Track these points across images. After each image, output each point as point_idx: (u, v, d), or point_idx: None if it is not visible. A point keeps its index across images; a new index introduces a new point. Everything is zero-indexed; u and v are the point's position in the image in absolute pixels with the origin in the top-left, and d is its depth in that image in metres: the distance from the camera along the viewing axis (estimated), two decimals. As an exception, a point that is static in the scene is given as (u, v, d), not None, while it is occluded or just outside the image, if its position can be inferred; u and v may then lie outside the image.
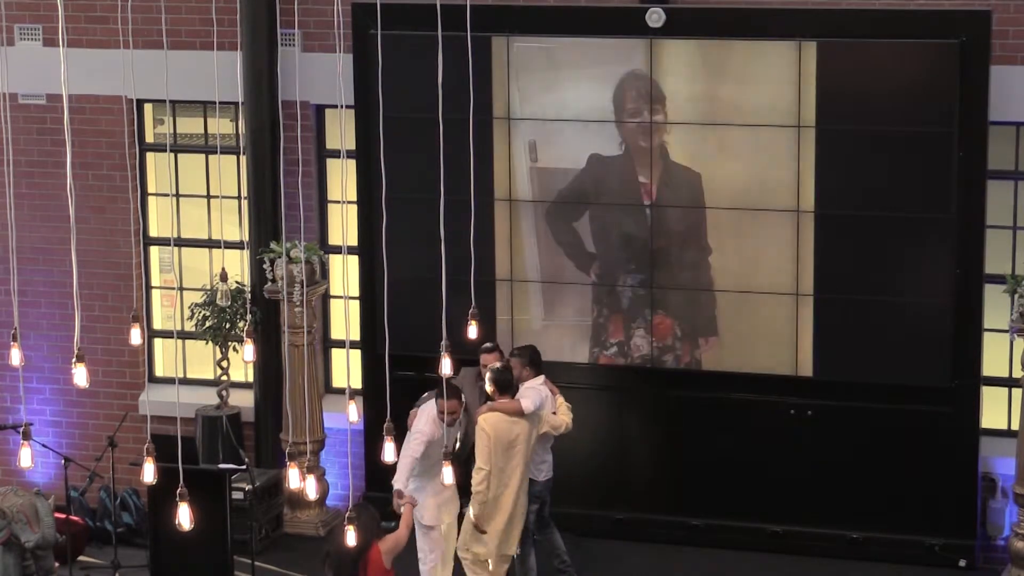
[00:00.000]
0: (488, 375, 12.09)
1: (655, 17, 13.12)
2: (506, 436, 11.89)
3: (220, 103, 13.64)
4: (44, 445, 13.79)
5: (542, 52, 13.41)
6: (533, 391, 12.22)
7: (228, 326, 13.99)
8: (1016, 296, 12.42)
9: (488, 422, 11.88)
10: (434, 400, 11.93)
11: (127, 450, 13.72)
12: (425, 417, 11.90)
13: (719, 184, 13.19)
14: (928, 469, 13.10)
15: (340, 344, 14.59)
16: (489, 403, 12.06)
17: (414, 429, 11.99)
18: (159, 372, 15.12)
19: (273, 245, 13.87)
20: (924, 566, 13.15)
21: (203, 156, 14.68)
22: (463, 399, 12.14)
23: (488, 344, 12.63)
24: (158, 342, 15.10)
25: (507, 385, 12.06)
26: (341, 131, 12.66)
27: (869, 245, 12.96)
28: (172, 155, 14.71)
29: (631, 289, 13.45)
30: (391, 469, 10.49)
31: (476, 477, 11.84)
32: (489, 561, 12.08)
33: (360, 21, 13.53)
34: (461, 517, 12.23)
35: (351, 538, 9.19)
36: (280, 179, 13.39)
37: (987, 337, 13.02)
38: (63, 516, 13.01)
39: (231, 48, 13.91)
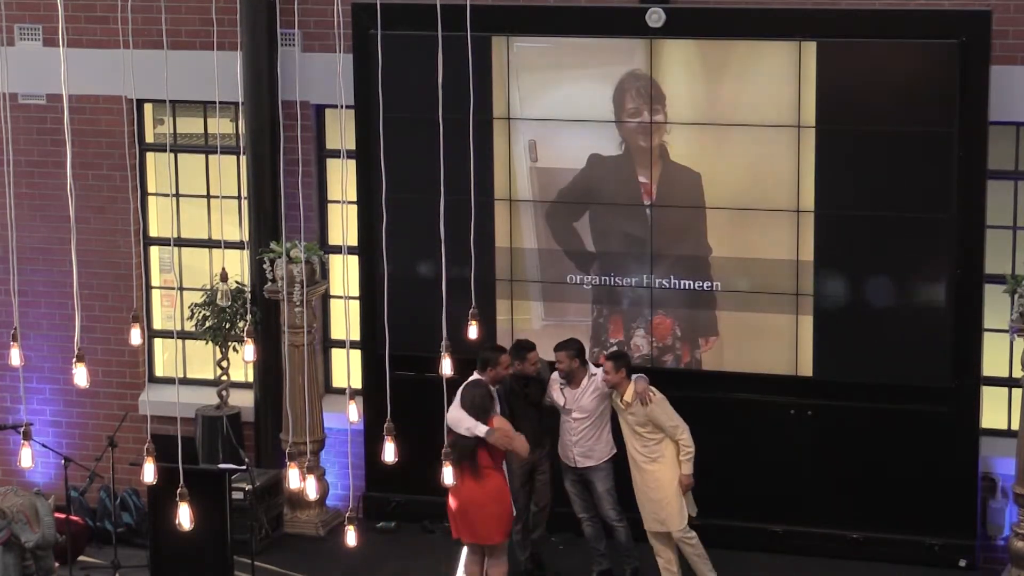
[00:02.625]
0: (617, 358, 12.37)
1: (655, 17, 13.12)
2: None
3: (220, 103, 13.63)
4: (44, 445, 13.78)
5: (542, 52, 13.40)
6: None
7: (228, 326, 13.99)
8: (1016, 296, 12.41)
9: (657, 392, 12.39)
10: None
11: (127, 450, 13.72)
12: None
13: (719, 184, 13.18)
14: (928, 469, 13.10)
15: (340, 344, 14.59)
16: (640, 377, 12.40)
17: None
18: (159, 372, 15.12)
19: (273, 245, 13.87)
20: (924, 566, 13.15)
21: (203, 156, 14.68)
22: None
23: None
24: (158, 342, 15.10)
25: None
26: (341, 131, 12.65)
27: (869, 245, 12.96)
28: (172, 155, 14.71)
29: (631, 289, 13.45)
30: (391, 469, 10.45)
31: (686, 437, 12.26)
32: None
33: (360, 21, 13.53)
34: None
35: None
36: (280, 179, 13.38)
37: (987, 337, 13.02)
38: (63, 516, 13.01)
39: (231, 48, 13.91)
